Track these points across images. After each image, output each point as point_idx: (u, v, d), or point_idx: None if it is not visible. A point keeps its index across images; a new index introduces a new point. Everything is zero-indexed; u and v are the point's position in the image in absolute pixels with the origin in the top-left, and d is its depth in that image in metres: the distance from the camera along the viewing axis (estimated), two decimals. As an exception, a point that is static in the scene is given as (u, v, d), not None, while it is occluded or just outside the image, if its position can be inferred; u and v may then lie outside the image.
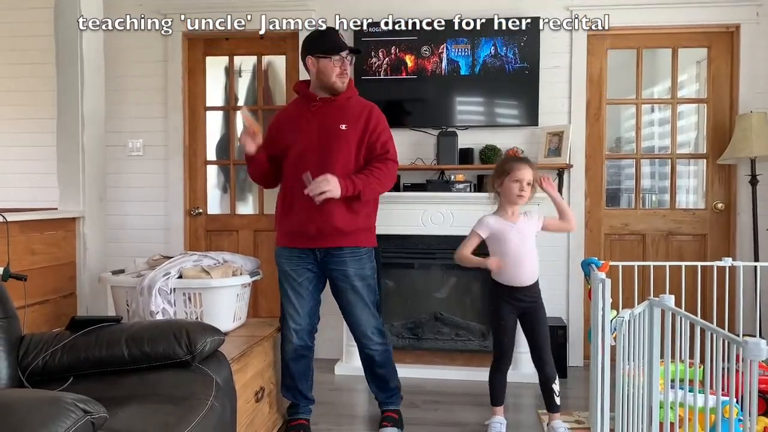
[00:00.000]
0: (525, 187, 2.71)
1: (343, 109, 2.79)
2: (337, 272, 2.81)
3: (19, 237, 2.75)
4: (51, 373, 1.98)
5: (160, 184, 4.35)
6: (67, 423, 1.32)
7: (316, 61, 2.75)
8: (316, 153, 2.74)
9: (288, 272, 2.85)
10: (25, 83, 4.39)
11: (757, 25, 3.92)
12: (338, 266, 2.79)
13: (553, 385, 2.80)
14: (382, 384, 2.98)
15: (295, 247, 2.82)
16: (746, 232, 3.89)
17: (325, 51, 2.74)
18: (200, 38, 4.38)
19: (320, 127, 2.77)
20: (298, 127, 2.80)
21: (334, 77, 2.75)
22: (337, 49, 2.74)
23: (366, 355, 2.92)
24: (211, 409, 1.86)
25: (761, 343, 1.32)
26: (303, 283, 2.84)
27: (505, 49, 3.97)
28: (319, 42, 2.78)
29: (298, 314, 2.85)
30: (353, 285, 2.81)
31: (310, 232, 2.74)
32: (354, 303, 2.84)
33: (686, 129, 4.21)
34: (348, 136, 2.75)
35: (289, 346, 2.87)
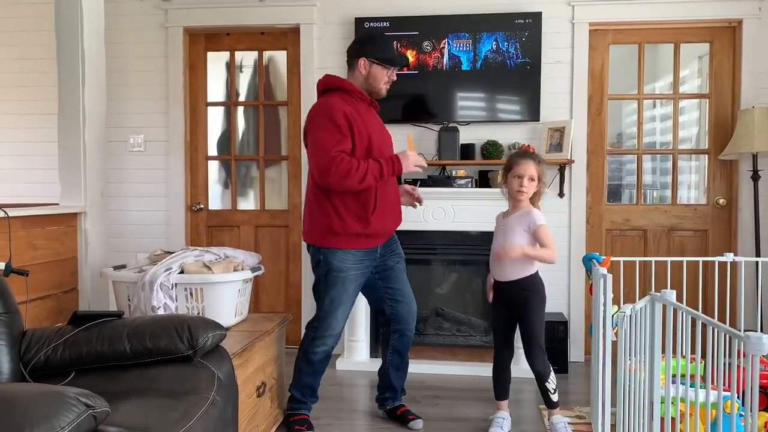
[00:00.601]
0: (525, 182, 2.70)
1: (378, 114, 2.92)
2: (396, 257, 2.94)
3: (20, 232, 2.76)
4: (53, 367, 1.98)
5: (162, 180, 4.35)
6: (69, 417, 1.32)
7: (369, 65, 2.76)
8: (385, 151, 2.80)
9: (353, 276, 2.77)
10: (26, 78, 4.39)
11: (760, 20, 3.91)
12: (396, 249, 2.95)
13: (546, 383, 2.77)
14: (405, 373, 3.05)
15: (368, 248, 2.79)
16: (748, 228, 3.89)
17: (384, 60, 2.76)
18: (201, 33, 4.38)
19: (380, 126, 2.87)
20: (369, 126, 2.74)
21: (381, 84, 2.80)
22: (397, 62, 2.82)
23: (407, 339, 2.98)
24: (213, 403, 1.86)
25: (763, 338, 1.32)
26: (359, 286, 2.86)
27: (506, 45, 3.96)
28: (380, 48, 2.78)
29: (344, 319, 2.86)
30: (404, 267, 2.98)
31: (394, 228, 2.90)
32: (407, 283, 2.98)
33: (688, 124, 4.20)
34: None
35: (323, 348, 2.83)
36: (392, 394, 3.05)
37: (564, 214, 4.03)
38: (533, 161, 2.73)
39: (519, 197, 2.74)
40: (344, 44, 4.14)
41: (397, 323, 2.96)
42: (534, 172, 2.71)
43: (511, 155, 2.88)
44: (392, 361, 3.00)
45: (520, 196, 2.73)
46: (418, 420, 2.93)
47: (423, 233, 3.83)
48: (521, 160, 2.73)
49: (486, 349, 3.91)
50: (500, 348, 2.87)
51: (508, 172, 2.77)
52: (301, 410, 2.92)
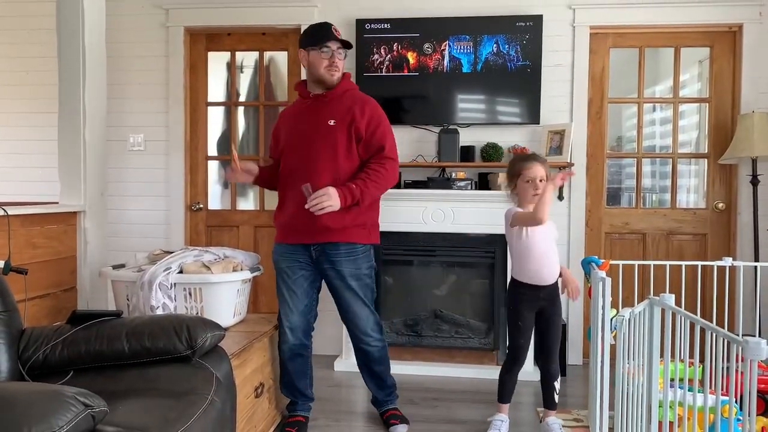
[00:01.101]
0: (538, 185, 2.68)
1: (334, 104, 2.75)
2: (332, 271, 2.77)
3: (20, 231, 2.76)
4: (51, 366, 1.98)
5: (161, 179, 4.35)
6: (67, 416, 1.32)
7: (306, 54, 2.76)
8: (306, 150, 2.72)
9: (283, 269, 2.83)
10: (27, 77, 4.39)
11: (760, 24, 3.92)
12: (333, 265, 2.75)
13: (555, 383, 2.82)
14: (379, 382, 2.98)
15: (290, 243, 2.81)
16: (747, 232, 3.89)
17: (313, 42, 2.73)
18: (202, 33, 4.38)
19: (311, 123, 2.76)
20: (293, 125, 2.81)
21: (322, 69, 2.72)
22: (324, 38, 2.71)
23: (364, 351, 2.90)
24: (211, 404, 1.86)
25: (762, 343, 1.32)
26: (297, 280, 2.82)
27: (507, 47, 3.96)
28: (309, 35, 2.77)
29: (292, 313, 2.83)
30: (349, 284, 2.77)
31: (301, 228, 2.73)
32: (351, 301, 2.81)
33: (688, 128, 4.20)
34: (335, 131, 2.70)
35: (285, 346, 2.85)
36: (375, 399, 3.05)
37: (563, 217, 4.03)
38: (539, 162, 2.71)
39: (536, 201, 2.69)
40: (345, 45, 4.16)
41: (352, 338, 2.92)
42: (543, 173, 2.70)
43: (515, 161, 2.81)
44: (362, 371, 2.99)
45: (536, 200, 2.69)
46: (399, 426, 2.90)
47: (422, 235, 3.83)
48: (528, 164, 2.71)
49: (484, 351, 3.91)
50: (521, 353, 2.82)
51: (517, 178, 2.74)
52: (297, 412, 2.92)
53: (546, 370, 2.82)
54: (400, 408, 3.03)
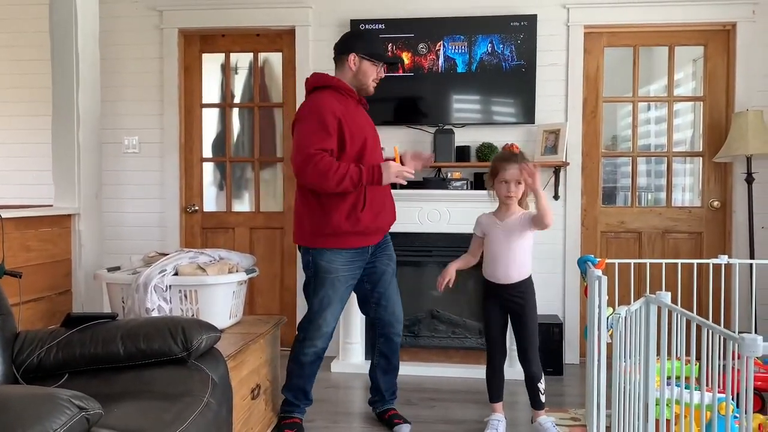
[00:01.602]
0: (512, 188, 2.69)
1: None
2: (386, 258, 2.91)
3: (14, 234, 2.74)
4: (46, 370, 1.97)
5: (156, 181, 4.34)
6: (62, 419, 1.31)
7: (359, 61, 2.75)
8: (375, 147, 2.82)
9: (343, 277, 2.75)
10: (20, 80, 4.37)
11: (754, 23, 3.93)
12: (387, 251, 2.93)
13: (539, 384, 2.80)
14: (394, 377, 3.03)
15: (360, 247, 2.76)
16: (742, 230, 3.90)
17: (373, 55, 2.76)
18: (196, 35, 4.37)
19: (368, 122, 2.85)
20: (359, 124, 2.75)
21: (370, 81, 2.80)
22: (386, 58, 2.85)
23: (394, 343, 2.96)
24: (207, 406, 1.85)
25: (758, 339, 1.33)
26: (349, 287, 2.83)
27: (501, 47, 3.97)
28: (369, 44, 2.79)
29: (334, 319, 2.81)
30: (395, 270, 2.96)
31: (386, 226, 2.88)
32: (396, 287, 2.96)
33: (682, 127, 4.21)
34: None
35: (312, 349, 2.79)
36: (380, 397, 3.04)
37: (559, 216, 4.03)
38: (518, 164, 2.68)
39: (509, 202, 2.74)
40: (340, 46, 4.15)
41: (382, 327, 2.93)
42: (519, 176, 2.68)
43: (495, 159, 2.82)
44: (379, 364, 2.99)
45: (509, 201, 2.74)
46: (403, 425, 2.90)
47: (418, 235, 3.83)
48: (506, 165, 2.70)
49: (481, 351, 3.90)
50: (495, 350, 2.86)
51: (494, 177, 2.76)
52: (294, 413, 2.90)
53: (527, 372, 2.81)
54: (399, 408, 3.03)
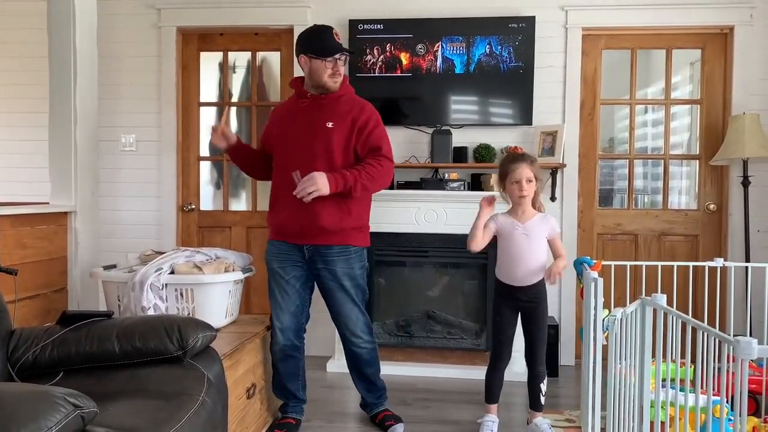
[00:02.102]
0: (524, 186, 2.70)
1: (332, 107, 2.76)
2: (325, 271, 2.78)
3: (9, 231, 2.74)
4: (41, 367, 1.97)
5: (153, 180, 4.33)
6: (56, 417, 1.31)
7: (308, 60, 2.73)
8: (301, 150, 2.73)
9: (275, 269, 2.83)
10: (18, 77, 4.36)
11: (751, 27, 3.94)
12: (326, 265, 2.76)
13: (541, 384, 2.82)
14: (369, 385, 2.98)
15: (284, 242, 2.81)
16: (738, 233, 3.91)
17: (317, 52, 2.70)
18: (194, 33, 4.37)
19: (307, 124, 2.75)
20: (288, 124, 2.81)
21: (325, 77, 2.72)
22: (330, 51, 2.69)
23: (354, 353, 2.90)
24: (202, 405, 1.85)
25: (752, 342, 1.33)
26: (290, 281, 2.82)
27: (500, 48, 3.97)
28: (312, 42, 2.74)
29: (283, 313, 2.82)
30: (342, 284, 2.78)
31: (295, 229, 2.74)
32: (342, 302, 2.82)
33: (679, 130, 4.22)
34: (333, 134, 2.71)
35: (276, 347, 2.84)
36: (364, 402, 3.05)
37: (556, 218, 4.00)
38: (526, 163, 2.72)
39: (522, 202, 2.74)
40: (338, 46, 4.15)
41: (343, 340, 2.93)
42: (530, 174, 2.70)
43: (503, 162, 2.83)
44: (352, 373, 3.00)
45: (523, 201, 2.73)
46: (396, 425, 2.90)
47: (415, 236, 3.82)
48: (515, 165, 2.72)
49: (477, 352, 3.91)
50: (503, 353, 2.85)
51: (505, 179, 2.76)
52: (288, 414, 2.91)
53: (532, 372, 2.82)
54: (394, 409, 3.03)
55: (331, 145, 2.71)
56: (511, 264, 2.76)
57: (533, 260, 2.74)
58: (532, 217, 2.76)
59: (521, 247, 2.74)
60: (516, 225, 2.75)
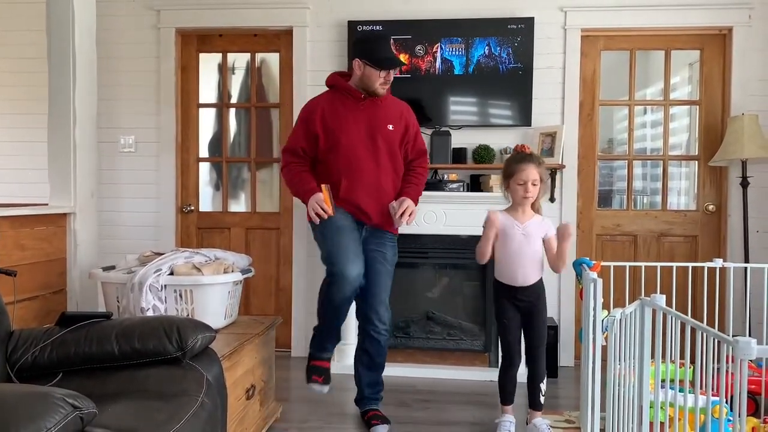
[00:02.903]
0: (530, 188, 2.70)
1: (386, 109, 2.91)
2: (376, 253, 2.91)
3: (8, 232, 2.74)
4: (40, 368, 1.97)
5: (152, 181, 4.33)
6: (56, 418, 1.31)
7: (362, 65, 2.81)
8: (367, 150, 2.85)
9: (345, 225, 2.84)
10: (16, 78, 4.36)
11: (750, 27, 3.94)
12: (379, 248, 2.92)
13: (541, 384, 2.83)
14: (376, 375, 3.02)
15: (352, 214, 2.89)
16: (737, 234, 3.91)
17: (374, 62, 2.79)
18: (193, 34, 4.37)
19: (370, 125, 2.87)
20: (347, 123, 2.86)
21: (376, 85, 2.83)
22: (387, 64, 2.81)
23: (373, 339, 2.94)
24: (202, 406, 1.85)
25: (752, 342, 1.33)
26: (354, 234, 2.86)
27: (499, 50, 3.97)
28: (372, 50, 2.82)
29: (357, 258, 2.78)
30: (386, 267, 2.93)
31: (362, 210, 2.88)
32: (384, 285, 2.91)
33: (678, 131, 4.23)
34: (394, 136, 2.91)
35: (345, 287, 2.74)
36: (361, 395, 3.06)
37: (555, 218, 4.03)
38: (534, 164, 2.71)
39: (525, 203, 2.75)
40: (337, 47, 4.15)
41: (362, 320, 2.97)
42: (536, 176, 2.71)
43: (510, 160, 2.83)
44: (361, 359, 3.01)
45: (526, 202, 2.74)
46: (379, 426, 2.90)
47: (415, 237, 3.82)
48: (522, 165, 2.71)
49: (476, 353, 3.91)
50: (513, 353, 2.84)
51: (510, 178, 2.75)
52: (324, 354, 2.98)
53: (532, 372, 2.83)
54: (392, 410, 3.04)
55: (394, 147, 2.91)
56: (511, 264, 2.77)
57: (534, 260, 2.77)
58: (531, 217, 2.78)
59: (521, 248, 2.75)
60: (516, 224, 2.76)
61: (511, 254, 2.76)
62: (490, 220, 2.75)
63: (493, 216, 2.74)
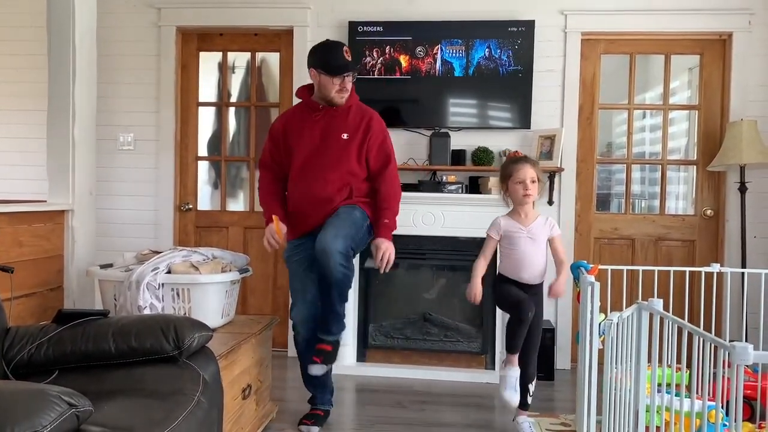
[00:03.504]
0: (529, 185, 2.73)
1: (344, 119, 2.85)
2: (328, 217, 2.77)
3: (6, 229, 2.73)
4: (36, 366, 1.96)
5: (151, 179, 4.32)
6: (51, 416, 1.30)
7: (317, 74, 2.80)
8: (320, 161, 2.82)
9: (294, 262, 2.92)
10: (16, 74, 4.36)
11: (750, 33, 3.95)
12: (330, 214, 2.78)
13: (530, 385, 2.86)
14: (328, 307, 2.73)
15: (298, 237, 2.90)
16: (734, 239, 3.92)
17: (325, 69, 2.77)
18: (194, 33, 4.37)
19: (323, 136, 2.85)
20: (302, 135, 2.87)
21: (333, 93, 2.80)
22: (338, 70, 2.76)
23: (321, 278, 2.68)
24: (198, 404, 1.85)
25: (748, 348, 1.33)
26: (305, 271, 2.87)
27: (499, 52, 3.98)
28: (322, 58, 2.81)
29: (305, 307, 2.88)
30: (337, 213, 2.75)
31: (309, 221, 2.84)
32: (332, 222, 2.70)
33: (677, 135, 4.23)
34: (349, 146, 2.82)
35: (299, 338, 2.91)
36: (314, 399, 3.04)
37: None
38: (530, 164, 2.77)
39: (526, 201, 2.77)
40: (337, 47, 4.15)
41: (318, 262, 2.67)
42: (534, 175, 2.75)
43: (506, 163, 2.89)
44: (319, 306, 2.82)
45: (527, 200, 2.76)
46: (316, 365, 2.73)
47: (412, 238, 3.82)
48: (519, 165, 2.77)
49: (473, 355, 3.91)
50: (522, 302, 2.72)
51: (508, 179, 2.79)
52: (316, 405, 3.00)
53: (523, 372, 2.83)
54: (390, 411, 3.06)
55: (349, 156, 2.82)
56: (517, 267, 2.80)
57: (537, 262, 2.80)
58: (534, 219, 2.80)
59: (526, 251, 2.77)
60: (520, 229, 2.78)
61: (518, 258, 2.79)
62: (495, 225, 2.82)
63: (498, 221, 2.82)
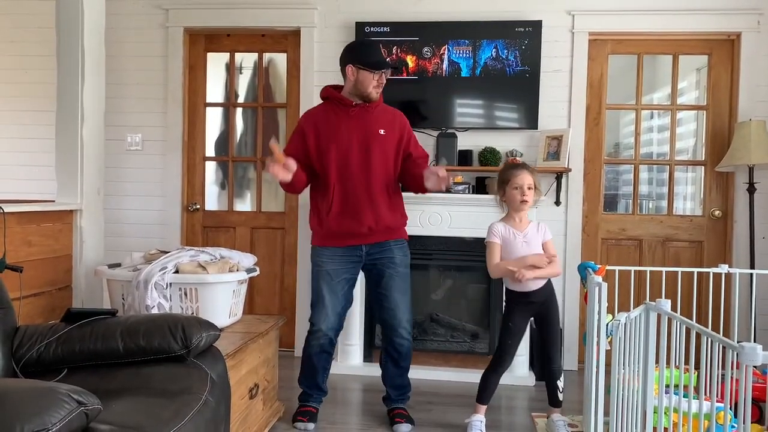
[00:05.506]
0: (526, 191, 2.77)
1: (378, 115, 2.94)
2: (384, 260, 2.94)
3: (15, 228, 2.75)
4: (45, 364, 1.97)
5: (159, 179, 4.34)
6: (60, 413, 1.31)
7: (356, 71, 2.85)
8: (359, 157, 2.87)
9: (328, 271, 2.94)
10: (25, 75, 4.38)
11: (758, 33, 3.93)
12: (385, 254, 2.94)
13: (558, 381, 2.88)
14: (401, 379, 3.07)
15: (339, 246, 2.92)
16: (743, 240, 3.90)
17: (367, 65, 2.83)
18: (201, 34, 4.38)
19: (361, 132, 2.89)
20: (338, 132, 2.89)
21: (370, 88, 2.87)
22: (380, 66, 2.85)
23: (396, 345, 2.99)
24: (205, 404, 1.85)
25: (757, 348, 1.33)
26: (340, 283, 2.94)
27: (506, 52, 3.97)
28: (363, 54, 2.87)
29: (334, 315, 2.95)
30: (398, 271, 2.95)
31: (362, 231, 2.88)
32: (397, 288, 2.95)
33: (685, 136, 4.21)
34: (387, 141, 2.92)
35: (315, 342, 2.97)
36: (387, 395, 3.12)
37: (560, 222, 4.04)
38: (527, 170, 2.81)
39: (523, 208, 2.81)
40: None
41: (384, 328, 3.04)
42: (531, 182, 2.79)
43: (504, 169, 2.92)
44: (386, 362, 3.07)
45: (524, 207, 2.80)
46: (402, 424, 2.96)
47: (419, 238, 3.82)
48: (517, 171, 2.80)
49: (480, 356, 3.90)
50: (507, 358, 2.87)
51: (505, 185, 2.82)
52: (308, 402, 3.03)
53: (549, 370, 2.89)
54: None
55: (387, 151, 2.92)
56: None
57: None
58: (528, 224, 2.85)
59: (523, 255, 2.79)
60: (516, 234, 2.82)
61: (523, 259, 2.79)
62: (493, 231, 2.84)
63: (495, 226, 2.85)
